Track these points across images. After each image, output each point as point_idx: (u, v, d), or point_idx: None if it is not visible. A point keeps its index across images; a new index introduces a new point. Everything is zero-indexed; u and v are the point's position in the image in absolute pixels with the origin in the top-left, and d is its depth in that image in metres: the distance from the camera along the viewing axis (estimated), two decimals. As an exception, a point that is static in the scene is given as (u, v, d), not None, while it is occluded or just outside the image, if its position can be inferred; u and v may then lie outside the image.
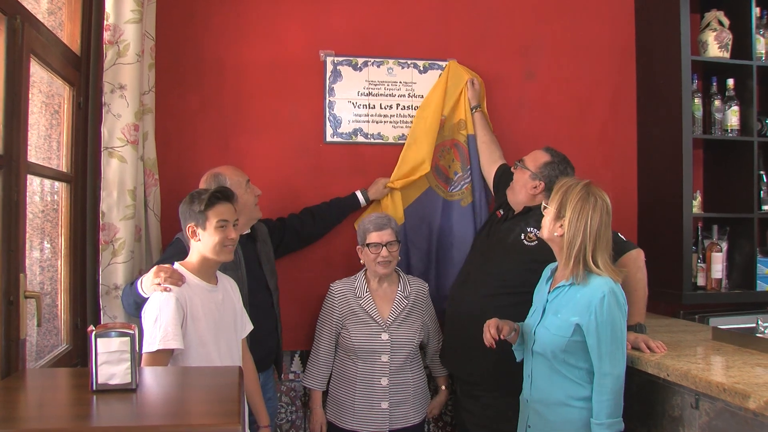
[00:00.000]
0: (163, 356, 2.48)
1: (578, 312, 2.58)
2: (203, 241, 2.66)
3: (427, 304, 3.47)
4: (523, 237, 3.15)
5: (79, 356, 2.95)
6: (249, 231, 3.27)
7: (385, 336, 3.26)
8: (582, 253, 2.59)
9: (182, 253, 2.87)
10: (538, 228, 2.98)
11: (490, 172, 3.69)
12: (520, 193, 3.26)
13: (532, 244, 3.11)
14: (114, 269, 2.98)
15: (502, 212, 3.38)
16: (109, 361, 1.92)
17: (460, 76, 3.83)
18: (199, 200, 2.65)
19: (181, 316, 2.53)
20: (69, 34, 2.97)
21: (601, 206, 2.61)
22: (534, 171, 3.22)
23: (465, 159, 3.83)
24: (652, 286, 3.93)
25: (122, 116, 3.01)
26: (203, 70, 3.70)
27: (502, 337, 2.70)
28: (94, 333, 1.94)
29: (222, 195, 2.69)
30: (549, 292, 2.74)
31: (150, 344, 2.47)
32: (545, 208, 2.71)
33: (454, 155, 3.86)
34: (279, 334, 3.35)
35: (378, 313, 3.30)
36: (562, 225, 2.64)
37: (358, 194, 3.68)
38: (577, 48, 4.09)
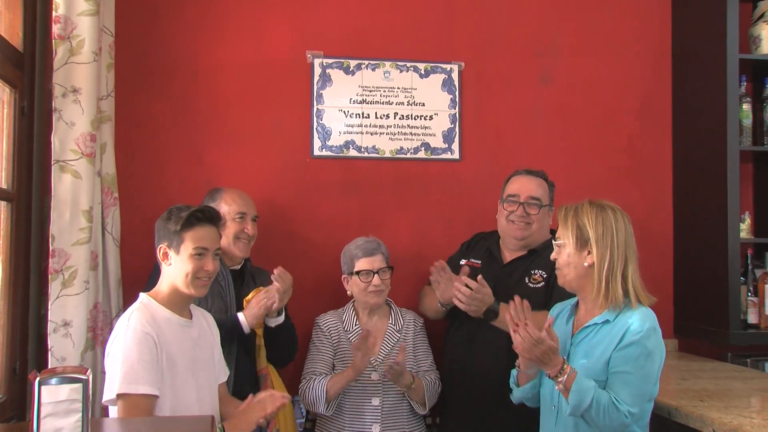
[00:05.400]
0: (149, 402, 2.41)
1: (614, 344, 2.52)
2: (174, 267, 2.59)
3: (422, 337, 3.47)
4: (527, 280, 3.23)
5: (15, 408, 2.91)
6: (238, 267, 3.33)
7: (375, 375, 3.26)
8: (617, 273, 2.57)
9: None
10: (545, 269, 3.13)
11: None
12: (543, 230, 3.32)
13: (538, 285, 3.19)
14: (65, 303, 2.92)
15: (479, 261, 3.41)
16: (56, 412, 1.83)
17: None
18: (176, 218, 2.57)
19: (157, 358, 2.47)
20: (7, 25, 2.95)
21: (621, 214, 2.63)
22: (549, 202, 3.34)
23: None
24: (693, 323, 3.91)
25: (76, 125, 2.99)
26: (172, 72, 3.70)
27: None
28: (37, 379, 1.85)
29: (205, 216, 2.61)
30: (573, 335, 2.68)
31: (127, 386, 2.39)
32: (558, 246, 2.65)
33: None
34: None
35: (369, 351, 3.26)
36: (589, 252, 2.59)
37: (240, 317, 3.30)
38: (601, 47, 4.11)
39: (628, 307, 2.58)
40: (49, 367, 2.82)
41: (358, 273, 3.30)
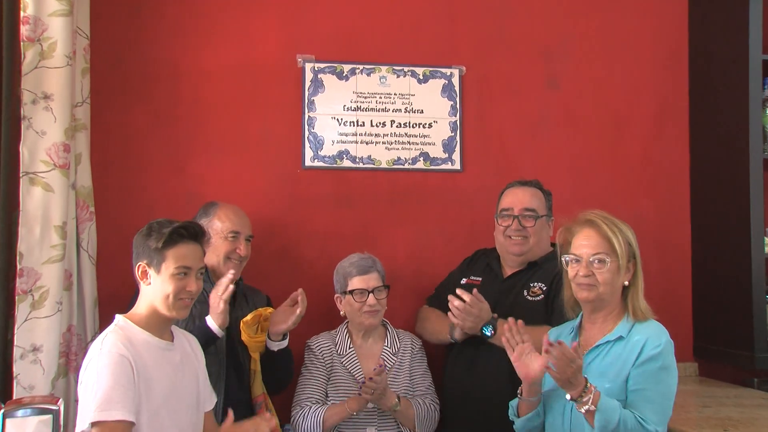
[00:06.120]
0: (125, 428, 2.35)
1: (631, 360, 2.54)
2: (154, 287, 2.56)
3: (420, 360, 3.45)
4: (526, 293, 3.26)
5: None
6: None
7: (370, 404, 3.21)
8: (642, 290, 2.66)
9: None
10: (544, 282, 3.21)
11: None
12: (542, 242, 3.35)
13: (537, 298, 3.22)
14: (34, 326, 2.91)
15: (480, 278, 3.45)
16: (23, 447, 1.86)
17: None
18: (157, 234, 2.54)
19: (134, 382, 2.43)
20: (-30, 26, 2.99)
21: None
22: (547, 212, 3.38)
23: None
24: (714, 346, 3.90)
25: (48, 133, 2.99)
26: (153, 77, 3.67)
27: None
28: (2, 411, 1.91)
29: (188, 233, 2.58)
30: (583, 356, 2.65)
31: (100, 413, 2.31)
32: (604, 261, 2.62)
33: None
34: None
35: (362, 373, 3.29)
36: (629, 269, 2.64)
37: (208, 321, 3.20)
38: (613, 49, 4.10)
39: (639, 322, 2.63)
40: (15, 397, 2.79)
41: (351, 292, 3.28)
